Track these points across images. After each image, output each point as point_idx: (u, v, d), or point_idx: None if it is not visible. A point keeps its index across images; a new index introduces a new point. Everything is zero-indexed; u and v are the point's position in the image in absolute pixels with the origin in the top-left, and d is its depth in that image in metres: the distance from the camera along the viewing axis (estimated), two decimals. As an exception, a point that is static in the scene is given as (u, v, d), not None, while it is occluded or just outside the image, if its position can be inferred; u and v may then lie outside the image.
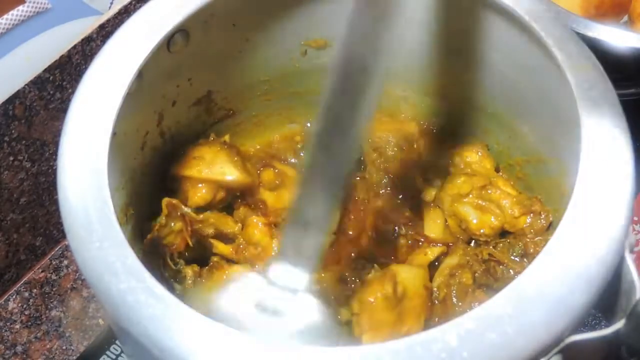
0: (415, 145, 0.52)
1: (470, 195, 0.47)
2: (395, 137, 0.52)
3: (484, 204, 0.46)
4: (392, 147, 0.51)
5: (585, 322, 0.31)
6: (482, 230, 0.46)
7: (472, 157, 0.50)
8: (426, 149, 0.52)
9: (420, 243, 0.48)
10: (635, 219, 0.57)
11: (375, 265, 0.45)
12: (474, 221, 0.46)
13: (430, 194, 0.49)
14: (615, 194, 0.33)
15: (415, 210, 0.50)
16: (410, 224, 0.48)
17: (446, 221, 0.49)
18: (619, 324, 0.30)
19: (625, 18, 0.66)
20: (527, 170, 0.48)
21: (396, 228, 0.48)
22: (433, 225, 0.49)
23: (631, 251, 0.33)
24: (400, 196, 0.51)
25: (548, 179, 0.45)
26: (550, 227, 0.44)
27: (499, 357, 0.28)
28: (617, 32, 0.54)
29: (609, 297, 0.32)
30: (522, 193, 0.47)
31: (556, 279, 0.30)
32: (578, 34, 0.39)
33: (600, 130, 0.35)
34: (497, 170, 0.50)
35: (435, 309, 0.44)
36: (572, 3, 0.61)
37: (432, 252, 0.47)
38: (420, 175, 0.51)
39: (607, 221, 0.32)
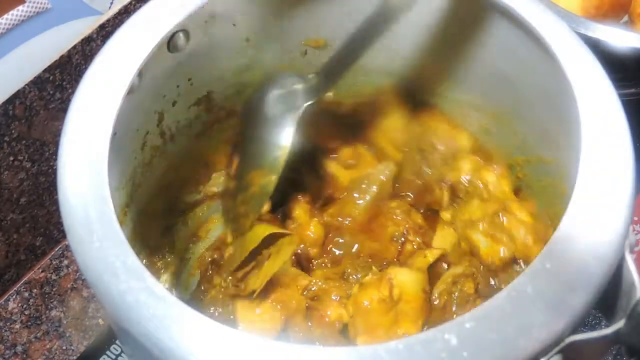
0: (459, 162, 0.48)
1: (482, 223, 0.45)
2: (445, 145, 0.49)
3: (495, 233, 0.45)
4: (438, 154, 0.49)
5: (585, 322, 0.31)
6: (491, 260, 0.45)
7: (490, 177, 0.47)
8: (469, 166, 0.48)
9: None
10: (635, 219, 0.57)
11: (374, 267, 0.45)
12: (484, 249, 0.45)
13: (448, 214, 0.49)
14: (615, 194, 0.33)
15: (430, 221, 0.49)
16: (420, 230, 0.48)
17: (459, 241, 0.48)
18: (619, 324, 0.30)
19: (625, 18, 0.66)
20: (527, 170, 0.48)
21: (405, 232, 0.48)
22: (442, 242, 0.48)
23: (631, 251, 0.33)
24: (418, 203, 0.50)
25: (548, 179, 0.45)
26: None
27: (499, 357, 0.28)
28: (617, 32, 0.54)
29: (609, 297, 0.32)
30: (537, 220, 0.45)
31: (556, 279, 0.30)
32: (578, 34, 0.39)
33: (600, 130, 0.35)
34: (516, 193, 0.47)
35: (434, 315, 0.44)
36: (572, 3, 0.61)
37: (431, 255, 0.47)
38: (448, 192, 0.49)
39: (607, 221, 0.32)
